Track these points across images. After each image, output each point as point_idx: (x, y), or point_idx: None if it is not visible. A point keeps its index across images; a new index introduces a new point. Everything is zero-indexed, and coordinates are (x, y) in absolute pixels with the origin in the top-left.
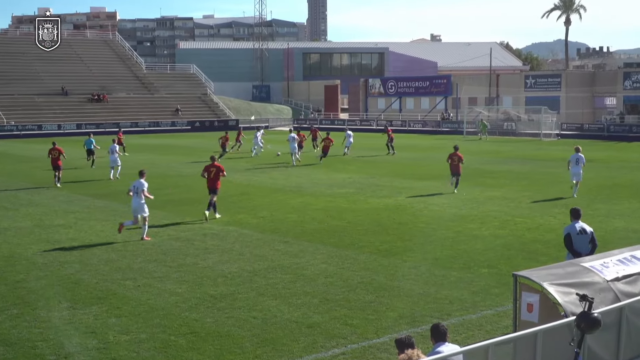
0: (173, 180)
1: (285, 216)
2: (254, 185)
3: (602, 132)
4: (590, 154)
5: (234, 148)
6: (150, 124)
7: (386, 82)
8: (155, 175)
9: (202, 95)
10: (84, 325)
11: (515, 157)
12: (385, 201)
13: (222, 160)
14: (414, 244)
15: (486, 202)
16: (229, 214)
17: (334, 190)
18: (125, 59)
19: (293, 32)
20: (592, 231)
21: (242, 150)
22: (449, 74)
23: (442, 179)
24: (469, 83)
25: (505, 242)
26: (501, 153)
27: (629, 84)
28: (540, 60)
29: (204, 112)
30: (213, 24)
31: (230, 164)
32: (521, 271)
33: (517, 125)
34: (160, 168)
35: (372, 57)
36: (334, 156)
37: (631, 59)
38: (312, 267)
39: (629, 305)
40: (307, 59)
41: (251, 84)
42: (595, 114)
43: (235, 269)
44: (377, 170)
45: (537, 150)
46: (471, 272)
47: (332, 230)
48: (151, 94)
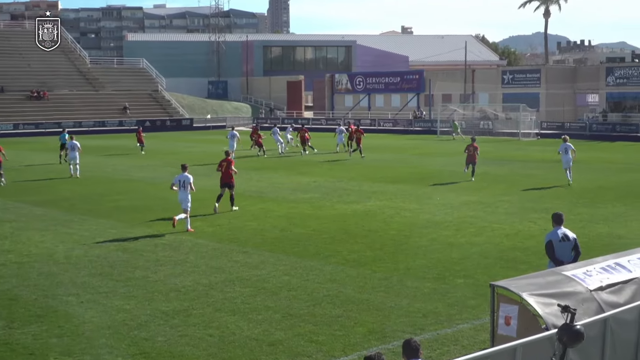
0: (121, 185)
1: (244, 224)
2: (210, 190)
3: (584, 131)
4: None
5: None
6: (95, 124)
7: (354, 77)
8: (101, 180)
9: (152, 92)
10: (21, 347)
11: (492, 158)
12: (354, 207)
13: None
14: (384, 253)
15: (461, 207)
16: (183, 222)
17: (298, 196)
18: (68, 53)
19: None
20: (575, 238)
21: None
22: (421, 69)
23: (415, 182)
24: (442, 79)
25: (482, 250)
26: None
27: (611, 80)
28: (518, 54)
29: (154, 110)
30: (165, 14)
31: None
32: (499, 281)
33: (494, 124)
34: (106, 172)
35: (338, 50)
36: (293, 156)
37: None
38: (273, 280)
39: (614, 316)
40: (267, 53)
41: (207, 80)
42: (576, 112)
43: (189, 282)
44: (345, 174)
45: (515, 151)
46: (446, 282)
47: (295, 238)
48: (96, 91)
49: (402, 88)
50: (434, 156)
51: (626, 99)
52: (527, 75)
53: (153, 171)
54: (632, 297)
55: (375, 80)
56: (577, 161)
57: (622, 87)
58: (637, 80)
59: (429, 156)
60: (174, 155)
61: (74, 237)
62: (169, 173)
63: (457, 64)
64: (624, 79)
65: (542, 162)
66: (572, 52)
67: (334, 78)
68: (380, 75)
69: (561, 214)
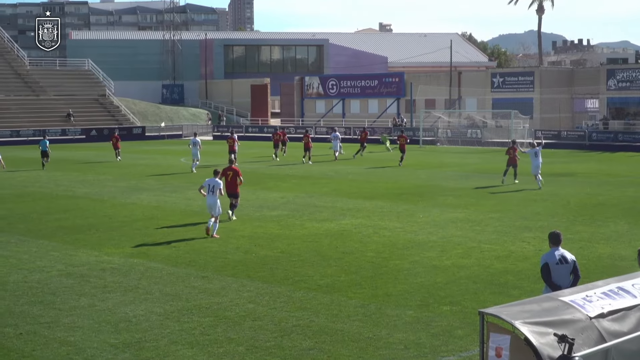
0: (64, 202)
1: (203, 245)
2: (165, 207)
3: (582, 140)
4: (570, 166)
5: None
6: (35, 133)
7: (326, 80)
8: (41, 196)
9: (99, 97)
10: None
11: (482, 170)
12: (327, 225)
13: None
14: (361, 278)
15: (447, 226)
16: (134, 244)
17: (264, 213)
18: (4, 53)
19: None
20: (574, 260)
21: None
22: (402, 72)
23: (395, 197)
24: (425, 82)
25: (471, 274)
26: (464, 166)
27: (613, 84)
28: (509, 55)
29: (102, 117)
30: (113, 10)
31: (137, 181)
32: (489, 308)
33: (482, 133)
34: (47, 187)
35: (308, 50)
36: (260, 168)
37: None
38: (236, 308)
39: (616, 346)
40: (229, 53)
41: (161, 83)
42: (574, 119)
43: (141, 311)
44: (316, 188)
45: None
46: (430, 310)
47: (261, 262)
48: (36, 96)
49: (380, 92)
50: (416, 168)
51: (629, 105)
52: (520, 78)
53: (99, 186)
54: (637, 326)
55: (350, 84)
56: (575, 174)
57: (624, 92)
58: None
59: (411, 168)
60: (123, 169)
61: (11, 260)
62: (117, 188)
63: (442, 65)
64: (627, 82)
65: None
66: (569, 53)
67: (304, 81)
68: (356, 78)
69: (558, 233)
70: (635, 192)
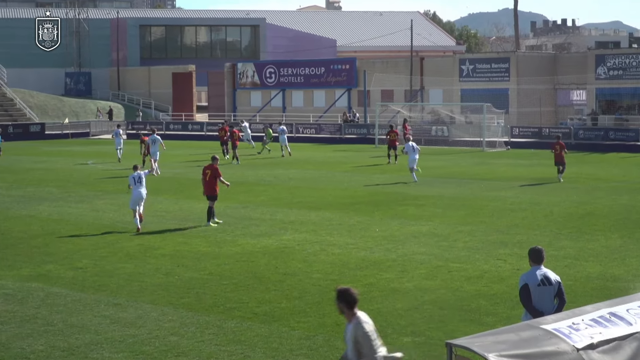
0: None
1: (115, 266)
2: (69, 220)
3: (568, 138)
4: (552, 169)
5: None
6: None
7: (263, 67)
8: None
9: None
10: None
11: (448, 175)
12: (264, 242)
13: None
14: (305, 304)
15: (408, 241)
16: (31, 265)
17: (188, 226)
18: None
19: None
20: (558, 280)
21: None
22: (353, 57)
23: (345, 207)
24: (381, 70)
25: (436, 298)
26: (429, 170)
27: (603, 72)
28: (480, 38)
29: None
30: None
31: (35, 188)
32: (458, 339)
33: (450, 130)
34: None
35: (241, 31)
36: (181, 173)
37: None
38: (156, 341)
39: None
40: (146, 35)
41: (64, 71)
42: (557, 114)
43: (41, 346)
44: (251, 197)
45: (478, 166)
46: (388, 342)
47: (185, 285)
48: None
49: (327, 82)
50: (371, 173)
51: (622, 97)
52: (493, 65)
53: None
54: (633, 358)
55: (291, 72)
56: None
57: (616, 81)
58: (636, 72)
59: (365, 173)
60: (17, 174)
61: None
62: (11, 197)
63: (401, 49)
64: (619, 69)
65: (513, 181)
66: (550, 35)
67: (236, 68)
68: (299, 65)
69: (540, 250)
70: (629, 199)
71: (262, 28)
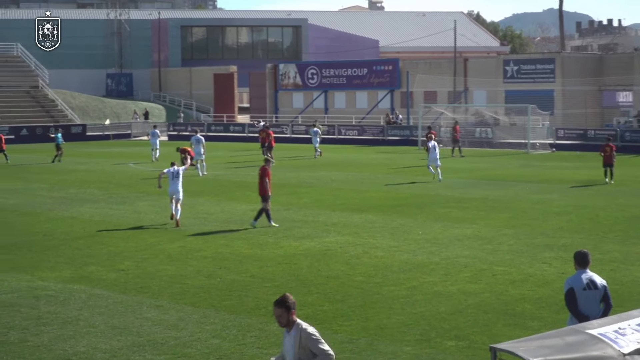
0: None
1: (157, 268)
2: (110, 222)
3: (613, 141)
4: (598, 172)
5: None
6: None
7: (305, 68)
8: None
9: (31, 88)
10: None
11: (492, 177)
12: (307, 244)
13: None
14: (348, 307)
15: (452, 244)
16: (73, 267)
17: (230, 228)
18: None
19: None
20: (604, 284)
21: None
22: (396, 58)
23: (388, 210)
24: (424, 71)
25: (480, 302)
26: (472, 172)
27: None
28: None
29: (34, 113)
30: None
31: (77, 190)
32: (502, 343)
33: (493, 132)
34: None
35: (283, 32)
36: (223, 175)
37: None
38: (198, 344)
39: None
40: (187, 36)
41: (105, 72)
42: (603, 116)
43: (83, 347)
44: (294, 199)
45: (522, 168)
46: (432, 346)
47: (227, 288)
48: None
49: (370, 83)
50: (414, 175)
51: None
52: (537, 66)
53: (31, 196)
54: None
55: (333, 73)
56: (604, 182)
57: None
58: None
59: (408, 175)
60: (60, 176)
61: None
62: (53, 199)
63: (444, 50)
64: None
65: (558, 183)
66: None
67: (278, 69)
68: (341, 66)
69: (586, 253)
70: None
71: (304, 28)
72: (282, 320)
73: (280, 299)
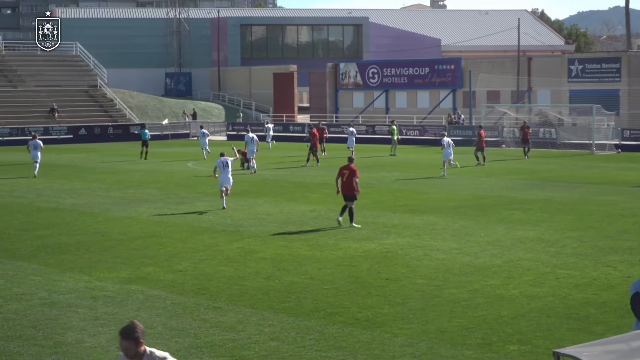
0: (47, 216)
1: (215, 269)
2: (168, 222)
3: None
4: None
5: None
6: (11, 132)
7: (366, 68)
8: (20, 208)
9: (89, 88)
10: None
11: (556, 179)
12: (366, 246)
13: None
14: (409, 310)
15: (514, 247)
16: (131, 267)
17: (289, 230)
18: None
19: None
20: None
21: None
22: (459, 57)
23: (450, 211)
24: (487, 70)
25: (543, 306)
26: (536, 173)
27: None
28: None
29: (93, 113)
30: None
31: (135, 190)
32: (566, 348)
33: (557, 133)
34: (26, 197)
35: (344, 31)
36: (282, 175)
37: None
38: (256, 346)
39: None
40: (247, 34)
41: (164, 71)
42: None
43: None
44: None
45: (587, 169)
46: (494, 350)
47: (286, 290)
48: (13, 87)
49: (432, 82)
50: (476, 176)
51: None
52: (603, 65)
53: (89, 196)
54: None
55: (395, 72)
56: None
57: None
58: None
59: (469, 176)
60: (118, 176)
61: None
62: (111, 199)
63: (508, 49)
64: None
65: (624, 185)
66: None
67: (338, 69)
68: (402, 65)
69: None
70: None
71: (365, 27)
72: (129, 353)
73: (127, 331)
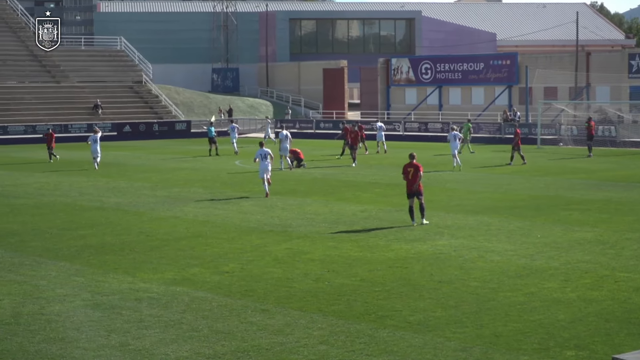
0: (90, 215)
1: (263, 271)
2: (215, 222)
3: None
4: None
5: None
6: (55, 128)
7: (418, 63)
8: (62, 207)
9: (134, 84)
10: None
11: (616, 178)
12: (419, 247)
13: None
14: (462, 314)
15: (572, 249)
16: (176, 268)
17: (339, 230)
18: (17, 29)
19: None
20: None
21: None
22: (514, 52)
23: (505, 211)
24: (544, 65)
25: (602, 310)
26: (594, 172)
27: None
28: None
29: (137, 109)
30: None
31: (181, 189)
32: (625, 354)
33: (617, 130)
34: (69, 196)
35: (396, 25)
36: (330, 174)
37: None
38: (305, 350)
39: None
40: (296, 29)
41: (211, 67)
42: None
43: (185, 352)
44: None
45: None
46: (550, 355)
47: (335, 292)
48: (57, 83)
49: (487, 78)
50: (531, 175)
51: None
52: None
53: (134, 195)
54: None
55: (448, 67)
56: None
57: None
58: None
59: (525, 175)
60: (163, 174)
61: (25, 287)
62: (156, 198)
63: (565, 44)
64: None
65: None
66: None
67: (390, 64)
68: (456, 60)
69: None
70: None
71: (418, 21)
72: None
73: None
